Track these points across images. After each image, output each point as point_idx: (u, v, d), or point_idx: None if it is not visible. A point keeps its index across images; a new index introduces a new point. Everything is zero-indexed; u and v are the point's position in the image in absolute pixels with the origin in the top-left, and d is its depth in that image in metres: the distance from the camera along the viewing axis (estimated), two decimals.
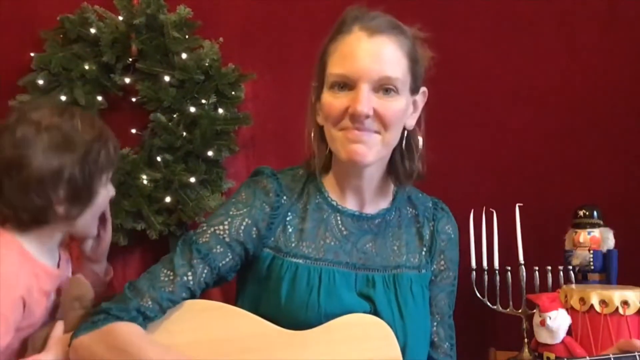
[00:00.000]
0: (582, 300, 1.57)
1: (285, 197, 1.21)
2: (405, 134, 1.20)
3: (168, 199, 2.07)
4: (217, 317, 1.13)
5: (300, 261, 1.17)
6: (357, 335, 1.12)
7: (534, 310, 1.68)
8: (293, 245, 1.18)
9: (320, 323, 1.12)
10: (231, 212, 1.18)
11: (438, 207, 1.31)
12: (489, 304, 1.92)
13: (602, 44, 2.16)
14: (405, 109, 1.16)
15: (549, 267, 1.85)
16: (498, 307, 1.92)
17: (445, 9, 2.23)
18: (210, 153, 2.09)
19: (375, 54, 1.11)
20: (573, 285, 1.75)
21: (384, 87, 1.12)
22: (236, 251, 1.16)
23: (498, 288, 1.91)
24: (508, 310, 1.90)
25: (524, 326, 1.86)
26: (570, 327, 1.60)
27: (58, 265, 1.26)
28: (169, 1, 2.13)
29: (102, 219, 1.31)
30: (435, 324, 1.26)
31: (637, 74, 2.13)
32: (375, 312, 1.16)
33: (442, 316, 1.27)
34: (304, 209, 1.21)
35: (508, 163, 2.17)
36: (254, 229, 1.17)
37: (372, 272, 1.19)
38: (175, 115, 2.09)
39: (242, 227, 1.16)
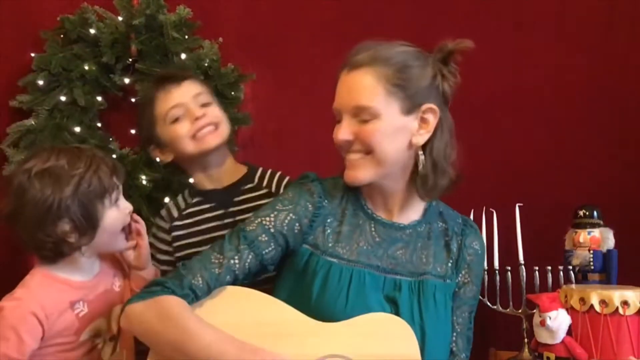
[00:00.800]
0: (582, 300, 1.57)
1: (326, 201, 1.32)
2: (421, 152, 1.29)
3: (167, 199, 2.06)
4: (253, 302, 1.23)
5: (335, 260, 1.27)
6: (379, 332, 1.19)
7: (534, 310, 1.68)
8: (330, 245, 1.28)
9: (344, 317, 1.20)
10: (277, 207, 1.29)
11: (467, 224, 1.41)
12: (489, 304, 1.92)
13: (602, 44, 2.16)
14: (390, 130, 1.25)
15: (549, 267, 1.85)
16: (498, 307, 1.92)
17: (446, 9, 2.24)
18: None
19: (349, 88, 1.26)
20: (573, 285, 1.75)
21: (361, 117, 1.25)
22: (279, 242, 1.27)
23: (498, 288, 1.91)
24: (508, 310, 1.90)
25: (524, 326, 1.86)
26: (570, 327, 1.59)
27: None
28: (168, 1, 2.13)
29: (133, 230, 1.41)
30: (455, 334, 1.33)
31: (637, 74, 2.13)
32: (397, 315, 1.24)
33: (462, 327, 1.34)
34: (342, 214, 1.32)
35: (508, 163, 2.17)
36: (297, 224, 1.28)
37: (399, 277, 1.29)
38: None
39: (287, 221, 1.28)
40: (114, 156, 2.10)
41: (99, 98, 2.12)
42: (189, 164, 1.67)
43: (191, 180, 1.72)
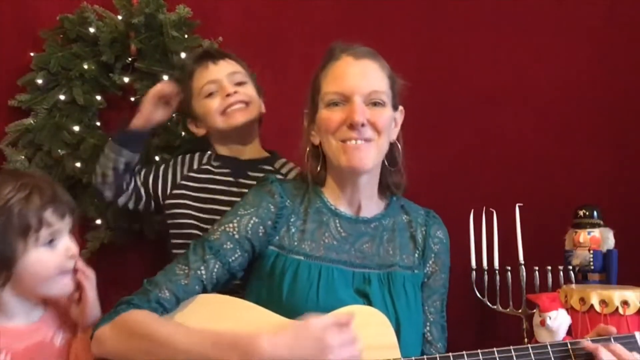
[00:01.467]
0: (582, 300, 1.57)
1: (288, 201, 1.33)
2: (390, 147, 1.37)
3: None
4: (227, 308, 1.22)
5: (302, 258, 1.27)
6: (357, 324, 1.18)
7: (534, 310, 1.68)
8: (295, 243, 1.29)
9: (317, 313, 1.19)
10: (240, 212, 1.30)
11: (430, 215, 1.44)
12: (489, 304, 1.91)
13: (602, 44, 2.16)
14: (391, 119, 1.34)
15: (549, 267, 1.85)
16: (498, 307, 1.91)
17: (446, 9, 2.23)
18: (208, 153, 2.09)
19: (363, 73, 1.32)
20: (573, 285, 1.75)
21: (373, 100, 1.30)
22: (245, 247, 1.28)
23: (498, 288, 1.90)
24: (508, 310, 1.90)
25: (524, 326, 1.86)
26: (570, 327, 1.59)
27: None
28: (168, 0, 2.13)
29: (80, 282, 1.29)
30: (428, 323, 1.35)
31: (637, 74, 2.13)
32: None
33: (434, 316, 1.36)
34: (305, 212, 1.33)
35: (508, 163, 2.17)
36: (261, 227, 1.29)
37: (368, 270, 1.30)
38: (174, 115, 2.09)
39: (250, 225, 1.28)
40: None
41: (99, 97, 2.12)
42: (217, 139, 1.80)
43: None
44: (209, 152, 1.86)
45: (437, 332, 1.36)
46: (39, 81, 2.06)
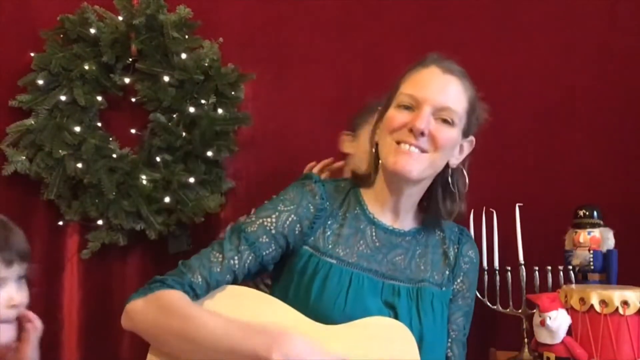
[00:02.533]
0: (582, 300, 1.57)
1: (328, 203, 1.32)
2: (450, 172, 1.34)
3: (167, 199, 2.07)
4: (253, 301, 1.22)
5: (334, 262, 1.27)
6: (380, 335, 1.19)
7: (534, 310, 1.68)
8: (330, 246, 1.28)
9: (341, 322, 1.20)
10: (279, 207, 1.29)
11: (464, 233, 1.43)
12: (489, 304, 1.91)
13: (602, 44, 2.16)
14: (455, 142, 1.30)
15: (549, 267, 1.85)
16: (498, 307, 1.91)
17: (446, 10, 2.23)
18: (209, 153, 2.09)
19: (443, 87, 1.27)
20: (573, 285, 1.74)
21: (442, 117, 1.26)
22: (279, 243, 1.27)
23: (498, 288, 1.90)
24: (508, 310, 1.90)
25: (524, 326, 1.86)
26: (570, 327, 1.59)
27: None
28: (168, 1, 2.13)
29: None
30: (450, 340, 1.35)
31: (637, 74, 2.13)
32: (396, 319, 1.24)
33: (457, 334, 1.36)
34: (343, 217, 1.32)
35: (508, 163, 2.17)
36: (298, 225, 1.28)
37: (398, 283, 1.29)
38: (174, 116, 2.09)
39: (288, 222, 1.27)
40: (114, 156, 2.11)
41: (99, 98, 2.13)
42: None
43: None
44: None
45: (458, 350, 1.36)
46: (40, 82, 2.07)
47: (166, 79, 2.08)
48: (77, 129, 2.07)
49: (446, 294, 1.35)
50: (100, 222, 2.09)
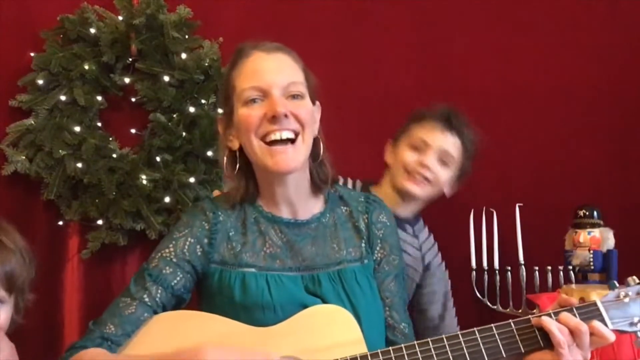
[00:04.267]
0: (582, 300, 1.57)
1: (222, 215, 1.30)
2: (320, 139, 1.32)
3: (167, 199, 2.07)
4: (188, 322, 1.20)
5: (247, 269, 1.25)
6: (321, 324, 1.19)
7: (534, 310, 1.68)
8: (238, 257, 1.26)
9: (278, 320, 1.19)
10: (175, 235, 1.28)
11: (370, 200, 1.40)
12: (489, 304, 1.91)
13: (602, 44, 2.16)
14: (312, 112, 1.29)
15: (549, 267, 1.85)
16: (498, 307, 1.91)
17: (446, 10, 2.23)
18: (209, 153, 2.09)
19: (278, 65, 1.27)
20: (573, 285, 1.75)
21: (292, 93, 1.25)
22: (185, 269, 1.25)
23: (498, 288, 1.90)
24: (508, 310, 1.90)
25: None
26: None
27: None
28: (168, 1, 2.13)
29: None
30: (387, 308, 1.33)
31: (637, 74, 2.13)
32: None
33: (392, 299, 1.34)
34: (243, 224, 1.30)
35: (508, 163, 2.17)
36: (198, 246, 1.27)
37: (317, 272, 1.28)
38: (174, 115, 2.09)
39: (187, 246, 1.26)
40: (114, 156, 2.11)
41: (99, 97, 2.12)
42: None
43: None
44: None
45: (398, 314, 1.33)
46: (40, 81, 2.06)
47: (166, 79, 2.08)
48: (77, 128, 2.07)
49: (368, 266, 1.33)
50: (100, 222, 2.09)
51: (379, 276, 1.33)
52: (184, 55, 2.09)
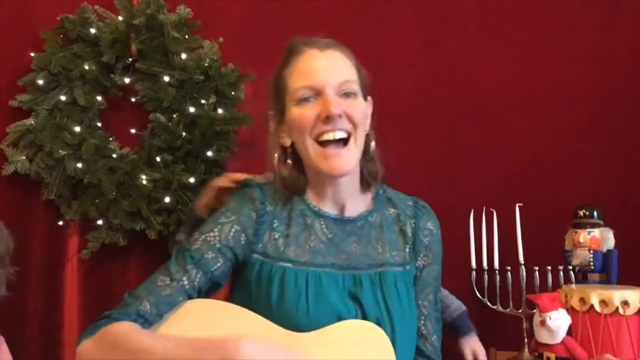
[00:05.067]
0: (582, 300, 1.57)
1: (270, 206, 1.28)
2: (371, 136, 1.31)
3: (167, 199, 2.07)
4: (220, 313, 1.18)
5: (287, 265, 1.23)
6: (354, 339, 1.16)
7: (534, 310, 1.68)
8: (280, 250, 1.25)
9: (309, 325, 1.17)
10: (221, 220, 1.25)
11: (419, 205, 1.37)
12: (489, 304, 1.91)
13: (602, 44, 2.16)
14: (365, 111, 1.28)
15: (549, 267, 1.85)
16: (498, 307, 1.92)
17: (446, 10, 2.23)
18: (209, 153, 2.09)
19: (331, 63, 1.24)
20: (573, 285, 1.75)
21: (345, 91, 1.23)
22: (227, 256, 1.23)
23: (498, 288, 1.90)
24: (508, 310, 1.90)
25: (524, 326, 1.86)
26: (570, 327, 1.59)
27: None
28: (168, 1, 2.13)
29: None
30: (422, 317, 1.31)
31: (637, 74, 2.13)
32: (362, 311, 1.22)
33: (428, 310, 1.32)
34: (288, 217, 1.28)
35: (508, 163, 2.17)
36: (243, 235, 1.24)
37: (358, 272, 1.26)
38: (174, 116, 2.09)
39: (232, 234, 1.24)
40: (114, 156, 2.11)
41: (99, 98, 2.12)
42: None
43: None
44: None
45: (432, 325, 1.32)
46: (40, 82, 2.07)
47: (166, 79, 2.08)
48: (77, 129, 2.07)
49: (410, 272, 1.30)
50: (100, 222, 2.09)
51: (419, 284, 1.32)
52: (184, 56, 2.09)
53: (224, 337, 1.09)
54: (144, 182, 2.07)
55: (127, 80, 2.12)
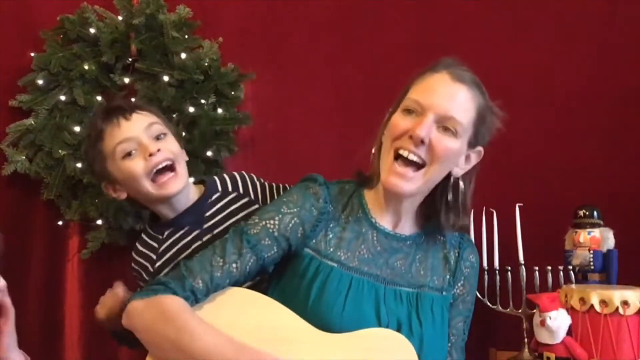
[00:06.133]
0: (582, 300, 1.57)
1: (331, 206, 1.32)
2: (452, 183, 1.32)
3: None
4: (256, 305, 1.23)
5: (335, 265, 1.27)
6: (381, 347, 1.19)
7: (534, 310, 1.68)
8: (331, 250, 1.29)
9: (339, 327, 1.20)
10: (282, 210, 1.29)
11: (464, 238, 1.43)
12: (489, 304, 1.91)
13: (602, 43, 2.16)
14: (457, 153, 1.28)
15: (549, 267, 1.85)
16: (498, 307, 1.92)
17: (446, 9, 2.23)
18: (209, 153, 2.09)
19: (451, 95, 1.25)
20: (573, 285, 1.74)
21: (446, 126, 1.24)
22: (282, 245, 1.27)
23: (498, 288, 1.90)
24: (508, 310, 1.90)
25: (524, 326, 1.86)
26: (570, 327, 1.59)
27: None
28: (168, 1, 2.13)
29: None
30: (450, 344, 1.35)
31: (637, 74, 2.13)
32: (396, 326, 1.25)
33: (456, 338, 1.37)
34: (345, 220, 1.32)
35: (508, 163, 2.17)
36: (301, 228, 1.28)
37: (398, 288, 1.30)
38: (174, 115, 2.09)
39: (291, 225, 1.27)
40: None
41: (99, 98, 2.12)
42: (148, 201, 1.61)
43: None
44: (146, 235, 1.69)
45: (457, 354, 1.37)
46: (40, 82, 2.06)
47: (166, 78, 2.08)
48: (77, 129, 2.07)
49: (446, 298, 1.35)
50: (100, 222, 2.09)
51: (452, 312, 1.36)
52: (183, 55, 2.09)
53: (266, 352, 1.14)
54: None
55: (126, 80, 2.12)
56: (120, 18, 2.10)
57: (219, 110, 2.12)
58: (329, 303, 1.22)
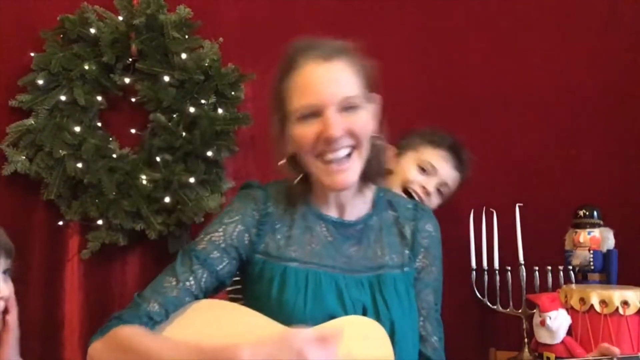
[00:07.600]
0: (582, 300, 1.57)
1: (272, 207, 1.29)
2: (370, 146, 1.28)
3: (167, 199, 2.07)
4: (224, 313, 1.21)
5: (289, 264, 1.25)
6: (353, 335, 1.17)
7: (534, 310, 1.68)
8: (282, 249, 1.26)
9: (304, 323, 1.17)
10: (225, 220, 1.27)
11: (418, 208, 1.38)
12: (489, 304, 1.91)
13: (602, 44, 2.16)
14: (369, 120, 1.25)
15: (549, 267, 1.85)
16: (498, 307, 1.92)
17: (446, 10, 2.24)
18: (209, 153, 2.09)
19: (332, 79, 1.20)
20: (573, 285, 1.75)
21: (347, 106, 1.20)
22: (232, 255, 1.25)
23: (498, 288, 1.90)
24: (508, 310, 1.90)
25: (524, 326, 1.86)
26: (570, 327, 1.60)
27: None
28: (168, 1, 2.13)
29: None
30: (422, 319, 1.32)
31: (637, 74, 2.13)
32: (363, 313, 1.22)
33: (428, 311, 1.32)
34: (291, 218, 1.29)
35: (508, 163, 2.17)
36: (247, 234, 1.26)
37: (357, 275, 1.27)
38: (175, 116, 2.09)
39: (235, 233, 1.26)
40: (114, 156, 2.11)
41: (99, 98, 2.12)
42: None
43: None
44: None
45: (432, 326, 1.33)
46: (40, 81, 2.07)
47: (166, 79, 2.08)
48: (77, 129, 2.08)
49: (409, 274, 1.31)
50: (100, 222, 2.09)
51: (418, 285, 1.32)
52: (184, 56, 2.09)
53: (224, 347, 1.10)
54: (144, 182, 2.07)
55: (127, 80, 2.12)
56: (120, 18, 2.10)
57: (220, 111, 2.12)
58: (289, 302, 1.20)
